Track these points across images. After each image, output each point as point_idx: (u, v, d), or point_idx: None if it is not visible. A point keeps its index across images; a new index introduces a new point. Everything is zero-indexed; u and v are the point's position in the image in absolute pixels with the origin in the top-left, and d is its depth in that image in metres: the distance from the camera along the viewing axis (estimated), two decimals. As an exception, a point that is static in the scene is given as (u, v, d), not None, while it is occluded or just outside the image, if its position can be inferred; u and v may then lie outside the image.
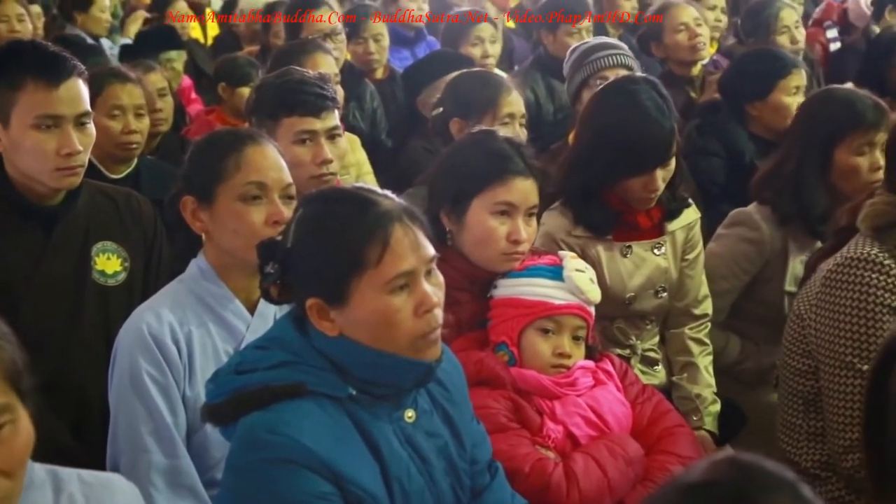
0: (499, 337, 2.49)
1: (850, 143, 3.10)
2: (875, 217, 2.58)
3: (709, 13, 5.28)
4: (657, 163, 2.86)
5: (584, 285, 2.48)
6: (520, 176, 2.53)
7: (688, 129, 4.00)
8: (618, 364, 2.61)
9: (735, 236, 3.27)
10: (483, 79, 3.55)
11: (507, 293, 2.52)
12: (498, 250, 2.52)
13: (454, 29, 5.05)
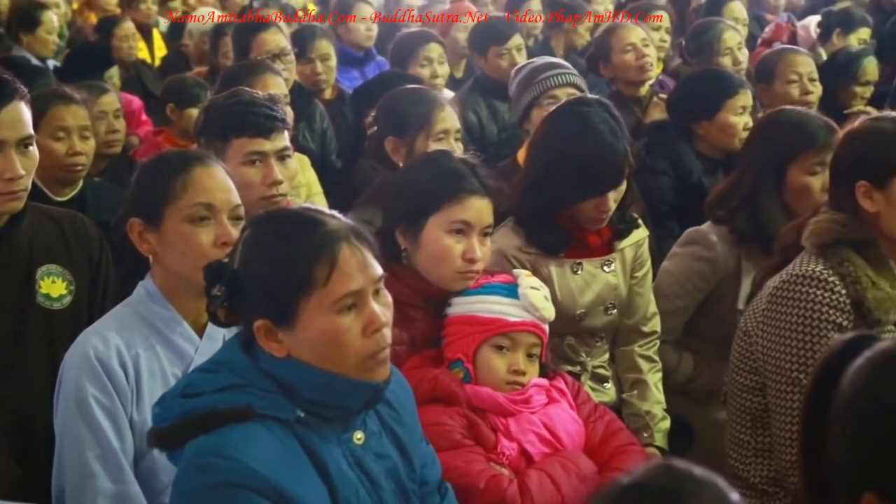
0: (454, 354, 2.50)
1: (803, 163, 3.14)
2: (819, 234, 2.62)
3: (654, 33, 5.33)
4: (611, 186, 2.88)
5: (539, 303, 2.50)
6: (475, 195, 2.55)
7: (636, 149, 4.03)
8: (570, 382, 2.62)
9: (689, 255, 3.30)
10: (415, 96, 3.55)
11: (462, 311, 2.53)
12: (453, 269, 2.54)
13: (403, 49, 5.06)
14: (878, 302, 2.52)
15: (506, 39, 4.99)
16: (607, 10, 6.99)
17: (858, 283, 2.53)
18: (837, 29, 5.62)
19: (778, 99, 4.38)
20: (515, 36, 5.05)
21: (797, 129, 3.17)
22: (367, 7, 6.24)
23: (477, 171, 2.60)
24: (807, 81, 4.40)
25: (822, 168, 3.11)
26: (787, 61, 4.47)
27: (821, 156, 3.11)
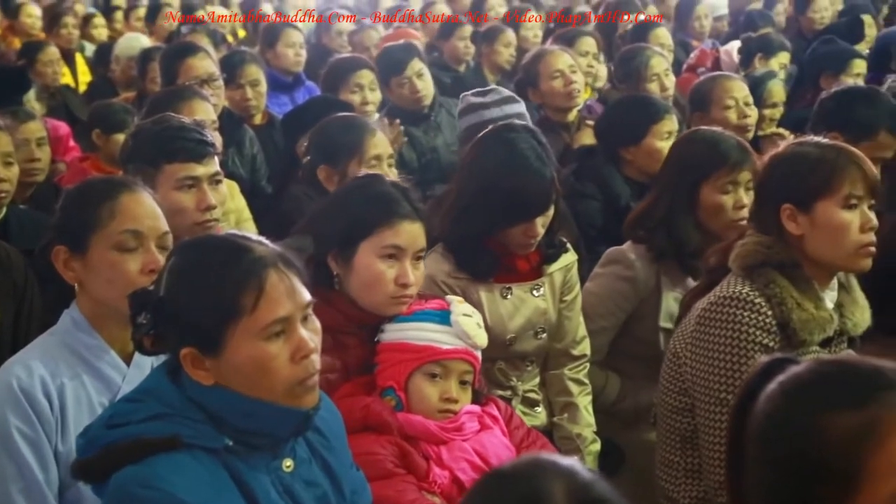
0: (386, 382, 2.49)
1: (715, 181, 3.18)
2: (745, 257, 2.66)
3: (581, 59, 5.39)
4: (539, 212, 2.90)
5: (472, 330, 2.50)
6: (407, 219, 2.55)
7: (565, 174, 4.06)
8: (503, 408, 2.62)
9: (610, 275, 3.33)
10: (346, 123, 3.56)
11: (394, 337, 2.52)
12: (386, 294, 2.52)
13: (334, 75, 5.06)
14: (803, 323, 2.56)
15: (403, 67, 5.01)
16: (536, 35, 7.05)
17: (784, 304, 2.57)
18: (758, 54, 5.73)
19: (715, 125, 4.40)
20: (413, 62, 5.07)
21: (710, 148, 3.22)
22: (295, 33, 6.24)
23: (408, 195, 2.60)
24: (743, 106, 4.43)
25: (734, 187, 3.17)
26: (722, 87, 4.50)
27: (733, 175, 3.16)
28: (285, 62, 6.06)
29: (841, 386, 1.35)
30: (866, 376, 1.35)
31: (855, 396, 1.32)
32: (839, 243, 2.58)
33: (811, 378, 1.38)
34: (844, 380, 1.36)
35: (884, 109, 3.72)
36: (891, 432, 1.29)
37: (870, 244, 2.59)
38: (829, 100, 3.85)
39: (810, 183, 2.60)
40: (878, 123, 3.67)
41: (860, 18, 6.87)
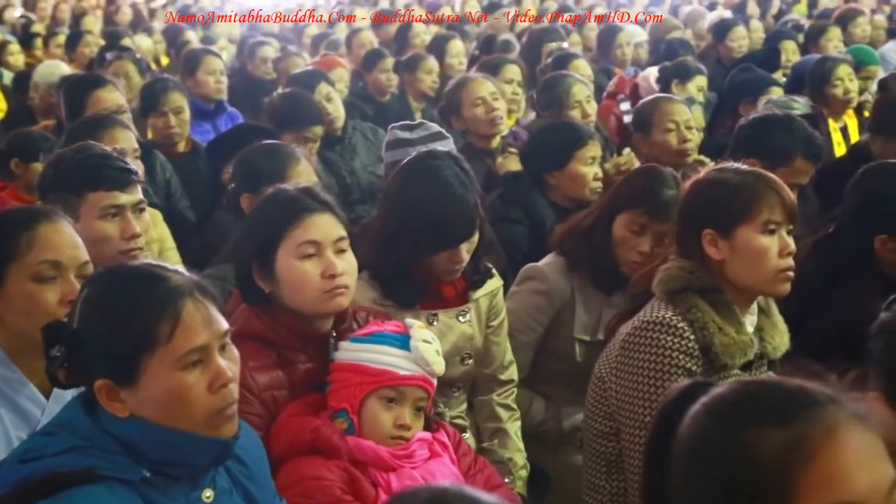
0: (339, 403, 2.46)
1: (630, 217, 3.22)
2: (668, 281, 2.69)
3: (506, 86, 5.43)
4: (464, 238, 2.91)
5: (431, 357, 2.48)
6: (313, 213, 2.51)
7: (491, 199, 4.09)
8: (452, 434, 2.61)
9: (526, 291, 3.37)
10: (270, 151, 3.54)
11: (350, 357, 2.49)
12: (318, 291, 2.48)
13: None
14: (724, 347, 2.60)
15: (312, 91, 5.06)
16: (461, 63, 7.08)
17: (706, 328, 2.60)
18: (675, 80, 5.83)
19: (657, 148, 4.46)
20: (320, 86, 5.11)
21: (645, 186, 3.24)
22: (216, 60, 6.20)
23: (311, 192, 2.57)
24: (684, 129, 4.47)
25: (642, 230, 3.20)
26: (663, 110, 4.53)
27: (648, 219, 3.19)
28: (206, 89, 6.02)
29: (767, 404, 1.36)
30: (791, 394, 1.36)
31: (781, 413, 1.34)
32: (759, 268, 2.62)
33: (736, 397, 1.39)
34: (770, 397, 1.37)
35: (800, 136, 3.79)
36: (819, 448, 1.31)
37: (788, 269, 2.63)
38: (746, 127, 3.93)
39: (730, 209, 2.64)
40: (795, 150, 3.75)
41: (776, 48, 7.03)
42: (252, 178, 3.43)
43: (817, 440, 1.31)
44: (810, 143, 3.80)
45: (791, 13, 11.32)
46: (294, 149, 3.60)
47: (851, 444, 1.32)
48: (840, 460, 1.30)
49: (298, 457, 2.35)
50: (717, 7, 12.09)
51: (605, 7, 12.64)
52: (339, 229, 2.53)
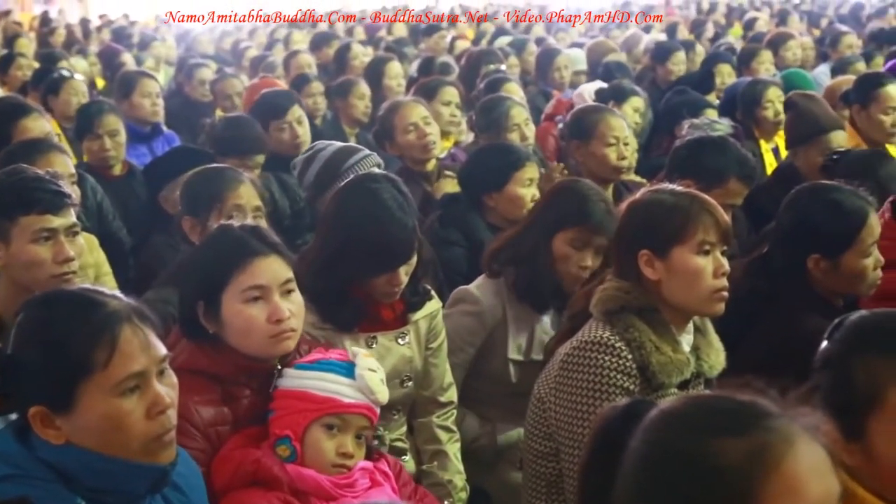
0: (282, 430, 2.43)
1: (570, 234, 3.25)
2: (606, 301, 2.71)
3: (444, 108, 5.44)
4: (402, 261, 2.91)
5: (376, 386, 2.47)
6: (259, 256, 2.49)
7: (429, 221, 4.09)
8: (393, 463, 2.61)
9: (458, 312, 3.38)
10: (209, 175, 3.52)
11: (294, 385, 2.47)
12: (264, 335, 2.46)
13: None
14: (661, 366, 2.62)
15: (284, 112, 5.03)
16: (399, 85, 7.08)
17: (643, 348, 2.63)
18: (611, 101, 5.90)
19: (594, 160, 4.48)
20: (294, 108, 5.09)
21: (577, 203, 3.28)
22: (152, 82, 6.15)
23: (259, 232, 2.55)
24: (622, 146, 4.50)
25: (585, 245, 3.24)
26: (607, 124, 4.53)
27: (588, 234, 3.23)
28: (142, 112, 5.98)
29: (725, 415, 1.38)
30: (745, 406, 1.39)
31: (740, 424, 1.36)
32: (694, 288, 2.66)
33: (693, 410, 1.41)
34: (727, 409, 1.39)
35: (733, 157, 3.84)
36: (781, 458, 1.33)
37: (723, 289, 2.67)
38: (681, 148, 3.97)
39: (666, 230, 2.67)
40: (728, 171, 3.79)
41: (711, 70, 7.14)
42: (192, 202, 3.41)
43: (779, 450, 1.34)
44: (744, 165, 3.85)
45: (726, 36, 11.52)
46: (238, 171, 3.59)
47: (808, 455, 1.35)
48: (799, 470, 1.33)
49: (239, 489, 2.33)
50: (652, 30, 12.27)
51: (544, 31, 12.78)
52: (285, 271, 2.52)
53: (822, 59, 9.19)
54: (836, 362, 1.95)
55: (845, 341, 1.97)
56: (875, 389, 1.87)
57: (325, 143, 4.13)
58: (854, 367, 1.91)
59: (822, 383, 1.96)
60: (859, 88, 5.23)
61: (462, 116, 5.72)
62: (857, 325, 1.99)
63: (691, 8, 19.12)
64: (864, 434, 1.88)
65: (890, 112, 5.07)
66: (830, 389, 1.93)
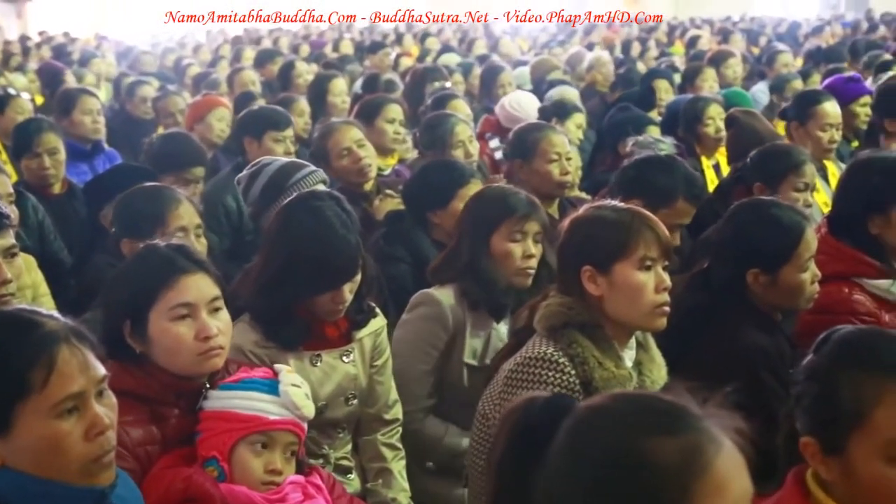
0: (209, 451, 2.43)
1: (504, 231, 3.30)
2: (549, 317, 2.73)
3: (388, 126, 5.45)
4: (346, 279, 2.91)
5: (300, 401, 2.46)
6: (186, 273, 2.48)
7: (374, 237, 4.09)
8: (325, 477, 2.60)
9: (418, 317, 3.36)
10: (149, 195, 3.49)
11: (219, 405, 2.46)
12: (192, 354, 2.45)
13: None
14: (604, 381, 2.64)
15: (285, 126, 5.04)
16: (344, 102, 7.08)
17: (586, 363, 2.65)
18: (554, 118, 5.95)
19: (537, 177, 4.50)
20: (290, 128, 5.11)
21: (498, 200, 3.35)
22: (92, 99, 6.09)
23: (185, 250, 2.54)
24: (565, 162, 4.53)
25: (523, 236, 3.30)
26: (549, 141, 4.57)
27: (520, 225, 3.30)
28: (82, 129, 5.91)
29: (655, 413, 1.40)
30: (673, 405, 1.41)
31: (672, 423, 1.38)
32: (636, 303, 2.68)
33: (623, 407, 1.42)
34: (655, 408, 1.41)
35: (681, 177, 3.85)
36: (713, 457, 1.36)
37: (664, 304, 2.70)
38: (629, 168, 3.97)
39: (608, 246, 2.70)
40: (677, 191, 3.80)
41: (652, 87, 7.23)
42: (131, 223, 3.38)
43: (710, 450, 1.36)
44: (692, 185, 3.86)
45: (670, 55, 11.68)
46: (175, 190, 3.56)
47: (732, 455, 1.38)
48: (726, 469, 1.36)
49: None
50: (595, 47, 12.39)
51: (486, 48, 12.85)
52: (212, 289, 2.51)
53: (760, 77, 9.34)
54: (823, 376, 1.96)
55: (833, 356, 1.97)
56: (860, 407, 1.88)
57: (271, 159, 4.11)
58: (840, 383, 1.91)
59: (805, 396, 1.97)
60: (797, 106, 5.32)
61: (406, 134, 5.73)
62: (847, 341, 1.99)
63: (633, 26, 19.35)
64: (844, 450, 1.90)
65: (827, 129, 5.16)
66: (814, 403, 1.95)
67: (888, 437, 1.86)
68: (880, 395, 1.87)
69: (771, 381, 2.92)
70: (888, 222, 3.31)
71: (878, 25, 17.20)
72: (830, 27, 17.36)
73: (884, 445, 1.86)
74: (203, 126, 6.09)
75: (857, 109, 5.96)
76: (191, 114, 6.35)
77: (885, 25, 16.91)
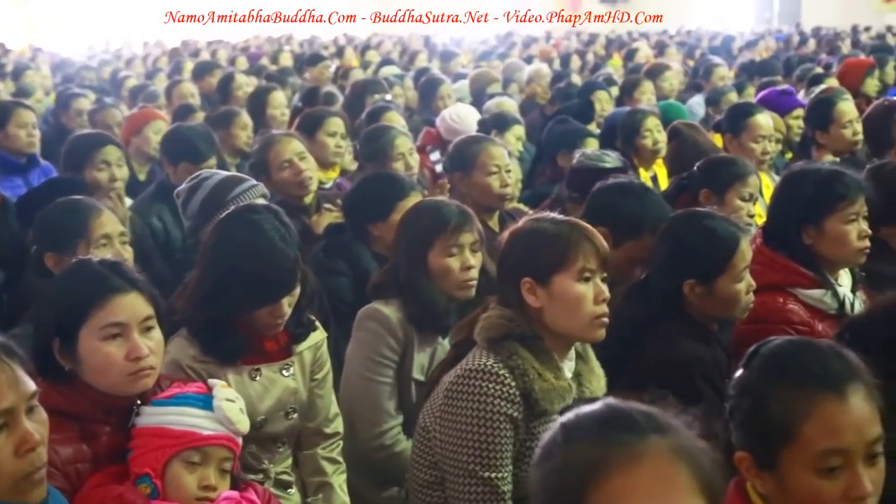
0: (141, 468, 2.39)
1: (440, 247, 3.28)
2: (489, 329, 2.74)
3: (329, 139, 5.42)
4: (285, 292, 2.89)
5: (235, 416, 2.45)
6: (119, 293, 2.45)
7: (314, 251, 4.08)
8: (261, 492, 2.58)
9: (369, 333, 3.33)
10: (69, 206, 3.45)
11: (152, 422, 2.43)
12: (122, 374, 2.42)
13: (77, 152, 4.88)
14: (544, 393, 2.65)
15: (203, 161, 4.92)
16: (283, 114, 7.05)
17: (526, 375, 2.66)
18: (493, 130, 5.99)
19: (478, 189, 4.49)
20: (211, 160, 5.00)
21: (432, 216, 3.33)
22: (28, 113, 6.00)
23: (119, 268, 2.51)
24: (504, 174, 4.53)
25: (459, 249, 3.28)
26: (488, 153, 4.56)
27: (455, 238, 3.27)
28: (17, 143, 5.81)
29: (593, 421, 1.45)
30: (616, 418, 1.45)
31: (597, 433, 1.43)
32: (575, 315, 2.70)
33: (584, 410, 1.48)
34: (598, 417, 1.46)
35: (651, 209, 3.63)
36: (615, 470, 1.39)
37: (603, 315, 2.72)
38: (600, 194, 3.73)
39: (547, 258, 2.71)
40: (645, 224, 3.54)
41: (590, 100, 7.29)
42: (53, 236, 3.34)
43: (616, 463, 1.39)
44: (660, 219, 3.51)
45: (606, 67, 11.79)
46: (94, 201, 3.52)
47: (649, 474, 1.39)
48: (630, 486, 1.38)
49: None
50: (534, 60, 12.48)
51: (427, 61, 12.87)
52: (145, 308, 2.48)
53: (696, 89, 9.47)
54: (753, 391, 1.96)
55: (762, 371, 1.98)
56: (790, 422, 1.89)
57: (210, 173, 4.08)
58: (769, 398, 1.92)
59: (738, 411, 1.98)
60: (730, 118, 5.40)
61: (348, 146, 5.71)
62: (775, 355, 1.99)
63: (572, 39, 19.51)
64: (777, 465, 1.91)
65: (760, 140, 5.25)
66: (746, 418, 1.96)
67: (819, 450, 1.88)
68: (809, 409, 1.89)
69: (707, 390, 2.96)
70: (821, 233, 3.37)
71: (807, 39, 17.55)
72: (764, 41, 17.67)
73: (815, 459, 1.88)
74: (140, 139, 6.02)
75: (791, 122, 6.07)
76: (127, 126, 6.27)
77: (814, 39, 17.27)
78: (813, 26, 20.40)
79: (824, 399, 1.89)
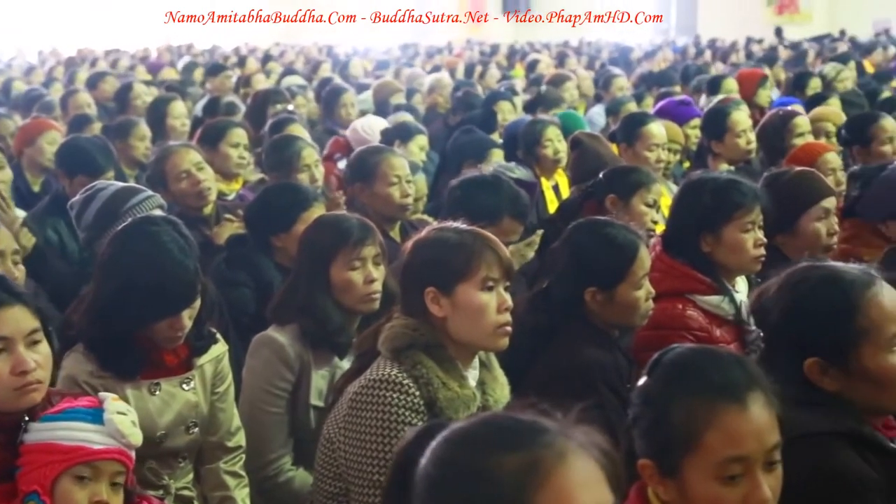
0: (29, 486, 2.34)
1: (342, 260, 3.25)
2: (393, 339, 2.73)
3: (232, 150, 5.35)
4: (184, 305, 2.85)
5: (126, 429, 2.40)
6: (3, 306, 2.40)
7: (216, 262, 4.02)
8: (157, 506, 2.53)
9: (262, 361, 3.28)
10: None
11: (40, 438, 2.38)
12: (8, 388, 2.37)
13: None
14: (448, 402, 2.66)
15: (101, 174, 4.80)
16: (183, 125, 6.95)
17: (430, 384, 2.66)
18: (397, 140, 6.00)
19: (379, 200, 4.50)
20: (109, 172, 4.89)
21: (332, 229, 3.31)
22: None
23: (2, 282, 2.46)
24: (405, 184, 4.53)
25: (361, 262, 3.25)
26: (388, 163, 4.56)
27: (356, 251, 3.25)
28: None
29: (502, 431, 1.44)
30: (524, 424, 1.45)
31: (515, 440, 1.42)
32: (478, 324, 2.71)
33: (473, 427, 1.46)
34: (505, 426, 1.45)
35: (506, 196, 3.94)
36: (551, 471, 1.40)
37: (507, 324, 2.73)
38: (456, 188, 4.05)
39: (450, 267, 2.72)
40: (502, 210, 3.89)
41: (493, 109, 7.34)
42: None
43: (549, 464, 1.40)
44: (517, 203, 3.96)
45: (511, 77, 11.90)
46: None
47: (578, 469, 1.41)
48: (569, 483, 1.40)
49: None
50: (441, 69, 12.53)
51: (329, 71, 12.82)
52: (30, 321, 2.43)
53: (596, 100, 9.61)
54: (655, 400, 1.99)
55: (664, 379, 2.00)
56: (691, 430, 1.92)
57: (106, 183, 4.00)
58: (671, 407, 1.95)
59: (640, 419, 2.00)
60: (624, 128, 5.50)
61: (250, 157, 5.65)
62: (676, 364, 2.01)
63: (475, 50, 19.63)
64: (679, 472, 1.94)
65: (654, 149, 5.35)
66: (648, 426, 1.98)
67: (720, 459, 1.91)
68: (710, 418, 1.92)
69: (609, 396, 3.00)
70: (719, 241, 3.44)
71: (704, 50, 17.96)
72: (662, 52, 18.00)
73: (716, 467, 1.91)
74: (33, 149, 5.87)
75: (689, 131, 6.19)
76: (20, 137, 6.11)
77: (710, 50, 17.69)
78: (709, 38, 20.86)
79: (725, 408, 1.92)
